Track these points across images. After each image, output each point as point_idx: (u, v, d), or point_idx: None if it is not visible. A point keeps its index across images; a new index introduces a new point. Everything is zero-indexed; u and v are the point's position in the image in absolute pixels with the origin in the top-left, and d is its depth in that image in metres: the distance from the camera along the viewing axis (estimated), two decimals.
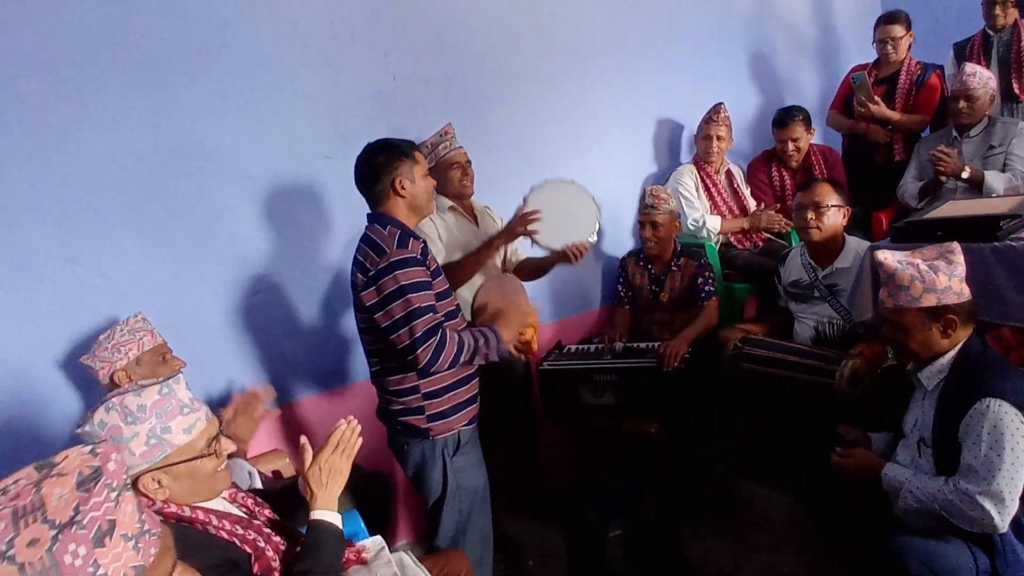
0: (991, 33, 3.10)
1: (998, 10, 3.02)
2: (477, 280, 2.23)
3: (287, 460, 1.91)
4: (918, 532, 1.55)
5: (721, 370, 2.32)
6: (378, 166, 1.75)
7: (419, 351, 1.60)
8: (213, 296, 2.16)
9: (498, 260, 2.47)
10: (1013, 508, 1.44)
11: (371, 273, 1.66)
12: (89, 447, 0.85)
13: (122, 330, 1.77)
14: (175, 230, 2.07)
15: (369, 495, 1.96)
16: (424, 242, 1.76)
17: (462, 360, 1.69)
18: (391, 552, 1.50)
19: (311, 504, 1.28)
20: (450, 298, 1.80)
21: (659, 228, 2.66)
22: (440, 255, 2.24)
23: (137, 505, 0.84)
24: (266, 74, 2.21)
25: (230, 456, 1.75)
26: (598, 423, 2.42)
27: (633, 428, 2.33)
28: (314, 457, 1.31)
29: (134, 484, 1.10)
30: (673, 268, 2.71)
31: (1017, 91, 3.03)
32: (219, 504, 1.23)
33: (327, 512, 1.28)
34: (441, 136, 2.37)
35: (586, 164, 2.93)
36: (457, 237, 2.33)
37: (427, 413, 1.76)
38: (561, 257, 2.25)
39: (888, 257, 1.62)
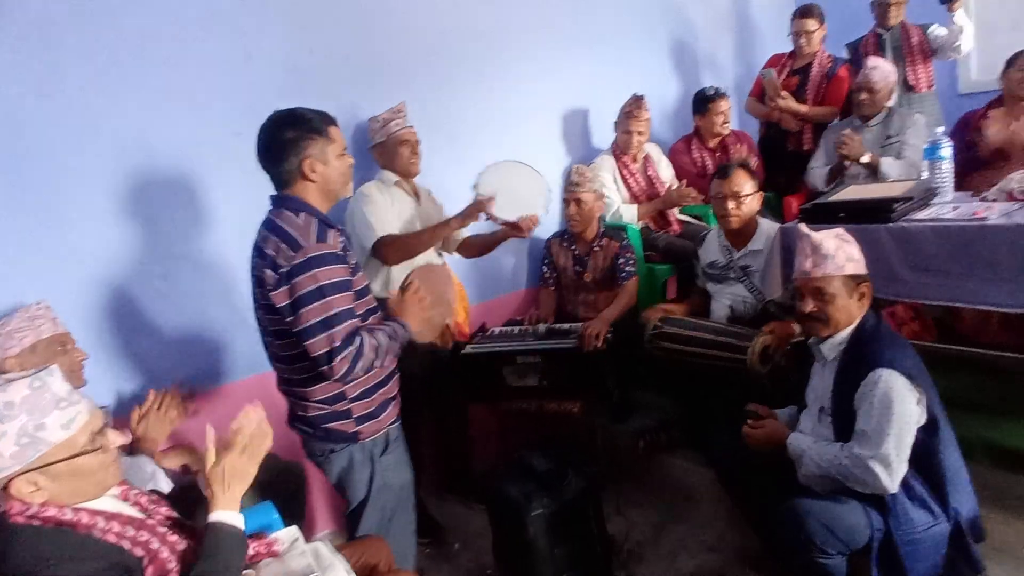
0: (882, 31, 3.32)
1: (891, 11, 3.23)
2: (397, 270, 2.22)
3: (195, 454, 1.81)
4: (820, 496, 1.65)
5: (642, 349, 2.38)
6: (285, 143, 1.51)
7: (336, 361, 1.44)
8: (101, 281, 2.00)
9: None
10: (901, 470, 1.55)
11: (284, 270, 1.45)
12: None
13: (20, 317, 1.64)
14: (60, 208, 1.91)
15: (284, 486, 1.89)
16: (345, 234, 1.61)
17: (377, 365, 1.55)
18: (307, 543, 1.45)
19: (211, 505, 1.20)
20: (368, 296, 1.66)
21: (583, 206, 2.69)
22: (393, 226, 2.25)
23: None
24: (168, 40, 2.07)
25: (132, 452, 1.65)
26: (522, 405, 2.43)
27: (557, 408, 2.36)
28: (218, 457, 1.23)
29: (5, 488, 1.01)
30: (595, 248, 2.75)
31: (912, 82, 3.25)
32: (108, 503, 1.14)
33: (228, 513, 1.20)
34: (394, 112, 2.35)
35: (509, 147, 2.89)
36: (399, 213, 2.31)
37: (355, 416, 1.63)
38: (513, 229, 2.31)
39: (810, 231, 1.71)
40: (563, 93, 3.20)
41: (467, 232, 2.52)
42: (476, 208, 2.22)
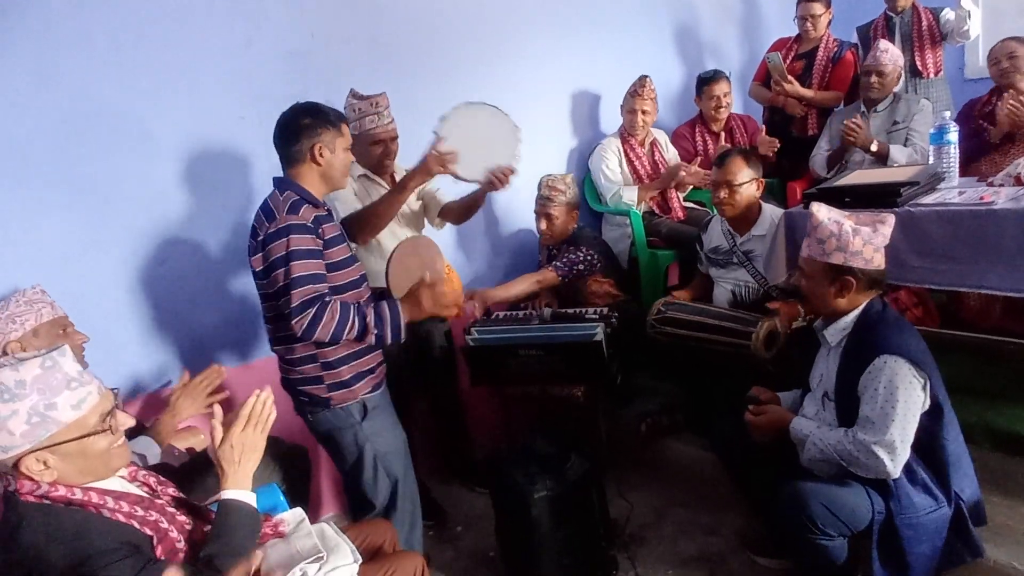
0: (892, 15, 3.28)
1: None
2: (389, 245, 2.17)
3: (202, 436, 1.83)
4: (822, 479, 1.66)
5: (644, 334, 2.38)
6: (301, 128, 1.67)
7: (294, 321, 1.57)
8: (116, 265, 2.02)
9: (414, 204, 2.39)
10: (904, 455, 1.56)
11: (260, 238, 1.63)
12: None
13: (18, 301, 1.66)
14: (73, 195, 1.92)
15: (290, 468, 1.91)
16: (326, 210, 1.74)
17: (346, 336, 1.63)
18: (313, 524, 1.46)
19: (222, 483, 1.21)
20: (352, 267, 1.75)
21: (554, 220, 2.59)
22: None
23: None
24: (168, 25, 2.06)
25: (136, 435, 1.67)
26: (525, 389, 2.44)
27: (560, 393, 2.37)
28: (225, 433, 1.23)
29: (15, 466, 1.01)
30: (555, 251, 2.67)
31: (920, 67, 3.22)
32: (116, 484, 1.15)
33: (240, 492, 1.21)
34: (372, 105, 2.20)
35: None
36: (359, 204, 2.22)
37: (327, 383, 1.73)
38: (487, 187, 2.20)
39: (821, 210, 1.70)
40: (567, 79, 3.17)
41: (445, 198, 2.42)
42: (433, 161, 2.04)
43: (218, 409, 1.28)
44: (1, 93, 1.79)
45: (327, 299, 1.60)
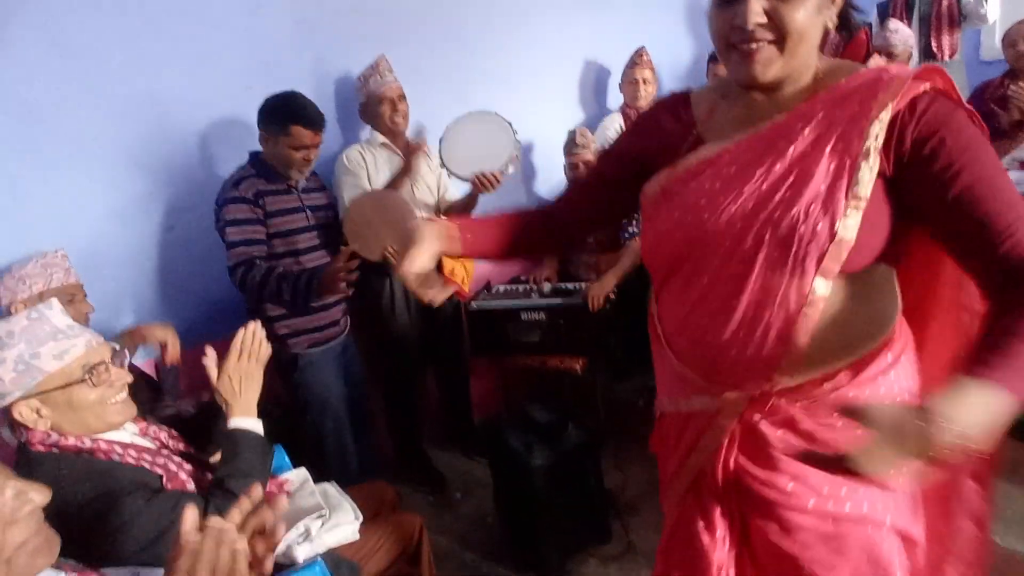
0: None
1: None
2: None
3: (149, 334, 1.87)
4: None
5: (646, 308, 2.40)
6: (262, 116, 1.96)
7: (231, 278, 1.88)
8: (122, 230, 2.05)
9: (431, 200, 2.44)
10: None
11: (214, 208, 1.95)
12: None
13: (36, 262, 1.69)
14: (77, 158, 1.93)
15: (295, 432, 1.96)
16: (287, 184, 1.99)
17: (266, 296, 1.89)
18: (316, 484, 1.51)
19: (228, 413, 1.26)
20: (307, 234, 2.02)
21: (589, 167, 2.67)
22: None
23: None
24: None
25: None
26: (525, 361, 2.48)
27: (559, 365, 2.40)
28: (221, 367, 1.28)
29: (8, 412, 1.07)
30: None
31: (935, 49, 3.17)
32: (125, 437, 1.19)
33: (245, 419, 1.26)
34: (373, 69, 2.29)
35: (519, 104, 2.86)
36: (385, 175, 2.28)
37: (268, 332, 1.90)
38: (474, 187, 2.26)
39: None
40: (577, 52, 3.15)
41: (453, 196, 2.48)
42: (411, 154, 2.20)
43: (210, 350, 1.31)
44: (14, 59, 1.80)
45: (257, 262, 1.86)
